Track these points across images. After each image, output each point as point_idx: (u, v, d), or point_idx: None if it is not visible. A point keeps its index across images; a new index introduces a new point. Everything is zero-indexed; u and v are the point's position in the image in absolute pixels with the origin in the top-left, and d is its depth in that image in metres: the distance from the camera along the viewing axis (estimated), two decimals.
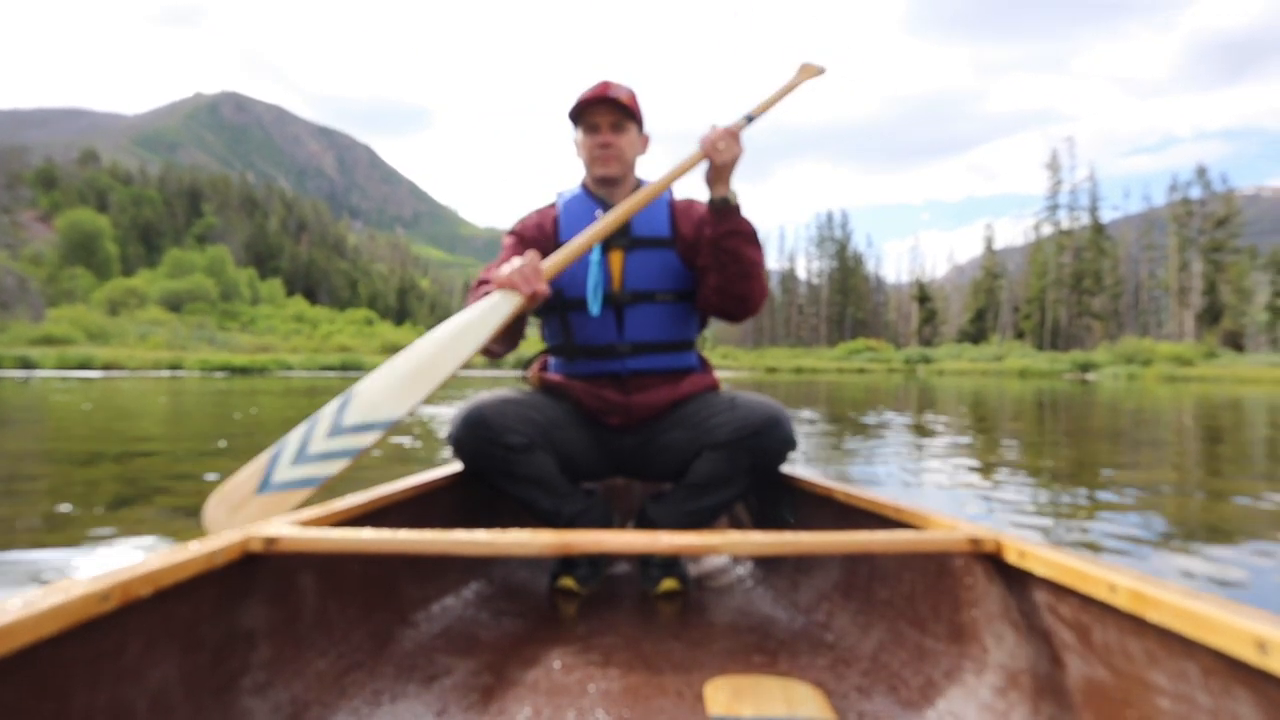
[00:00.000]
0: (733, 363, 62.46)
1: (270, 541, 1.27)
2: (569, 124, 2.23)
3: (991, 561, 1.32)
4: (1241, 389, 24.13)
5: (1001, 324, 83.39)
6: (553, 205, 2.30)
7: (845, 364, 60.12)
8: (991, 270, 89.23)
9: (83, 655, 0.94)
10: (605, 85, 2.15)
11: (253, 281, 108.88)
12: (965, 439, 7.48)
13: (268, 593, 1.33)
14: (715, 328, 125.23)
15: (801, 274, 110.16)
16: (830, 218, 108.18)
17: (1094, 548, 3.03)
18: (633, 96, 2.18)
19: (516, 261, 1.94)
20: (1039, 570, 1.18)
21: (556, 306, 2.18)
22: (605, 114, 2.17)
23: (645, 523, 2.15)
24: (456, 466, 2.14)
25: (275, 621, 1.34)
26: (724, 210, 2.02)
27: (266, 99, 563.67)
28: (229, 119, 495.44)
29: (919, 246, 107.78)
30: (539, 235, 2.24)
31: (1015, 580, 1.26)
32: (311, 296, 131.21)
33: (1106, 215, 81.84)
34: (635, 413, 2.18)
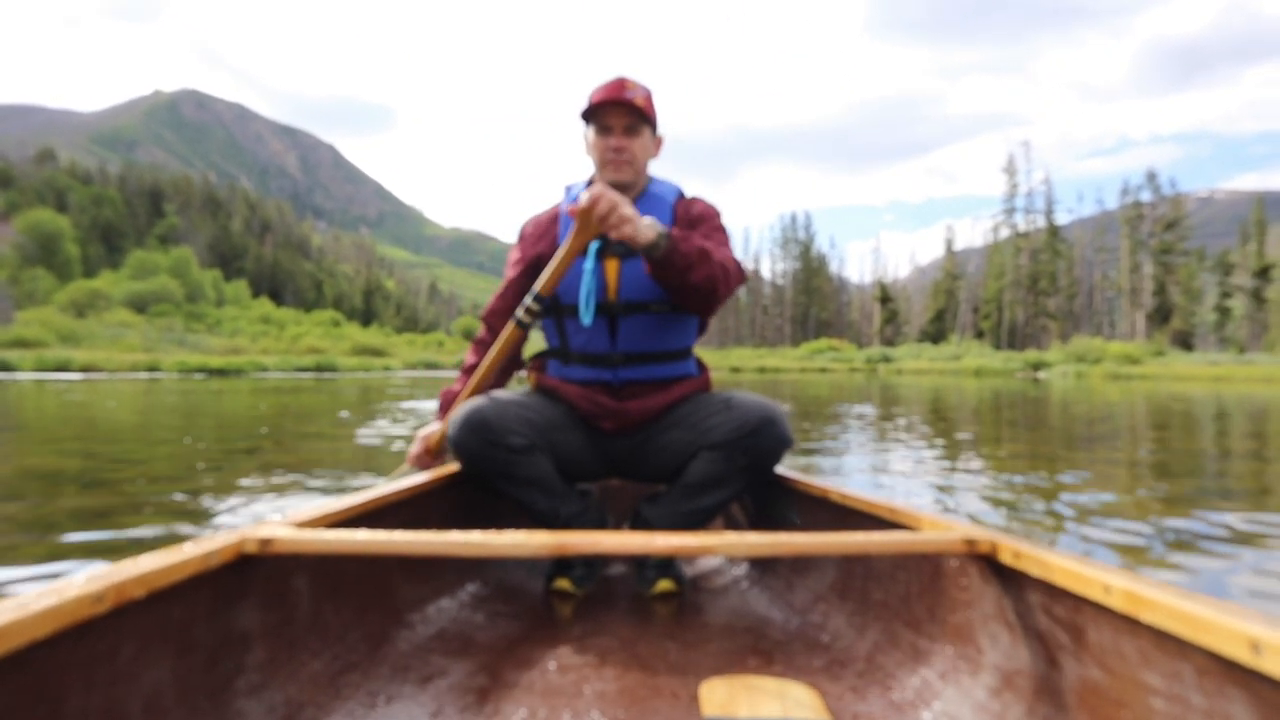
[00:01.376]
0: None
1: (265, 543, 1.27)
2: (580, 121, 2.17)
3: (986, 562, 1.33)
4: (1176, 385, 25.56)
5: (961, 324, 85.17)
6: (557, 205, 2.28)
7: (808, 363, 60.94)
8: (951, 271, 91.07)
9: (76, 658, 0.94)
10: (621, 84, 2.08)
11: (217, 283, 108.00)
12: (898, 423, 8.56)
13: (263, 594, 1.33)
14: None
15: (766, 275, 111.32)
16: (794, 219, 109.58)
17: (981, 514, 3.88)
18: (649, 98, 2.12)
19: (417, 442, 2.25)
20: (1034, 571, 1.18)
21: (553, 310, 2.17)
22: (620, 116, 2.11)
23: (641, 524, 2.15)
24: (452, 467, 2.17)
25: (270, 623, 1.34)
26: (658, 260, 1.91)
27: (227, 97, 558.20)
28: (189, 117, 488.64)
29: (881, 247, 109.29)
30: (541, 238, 2.25)
31: (1010, 581, 1.27)
32: (277, 298, 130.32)
33: (1062, 218, 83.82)
34: (629, 417, 2.18)
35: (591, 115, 2.12)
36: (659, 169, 2.26)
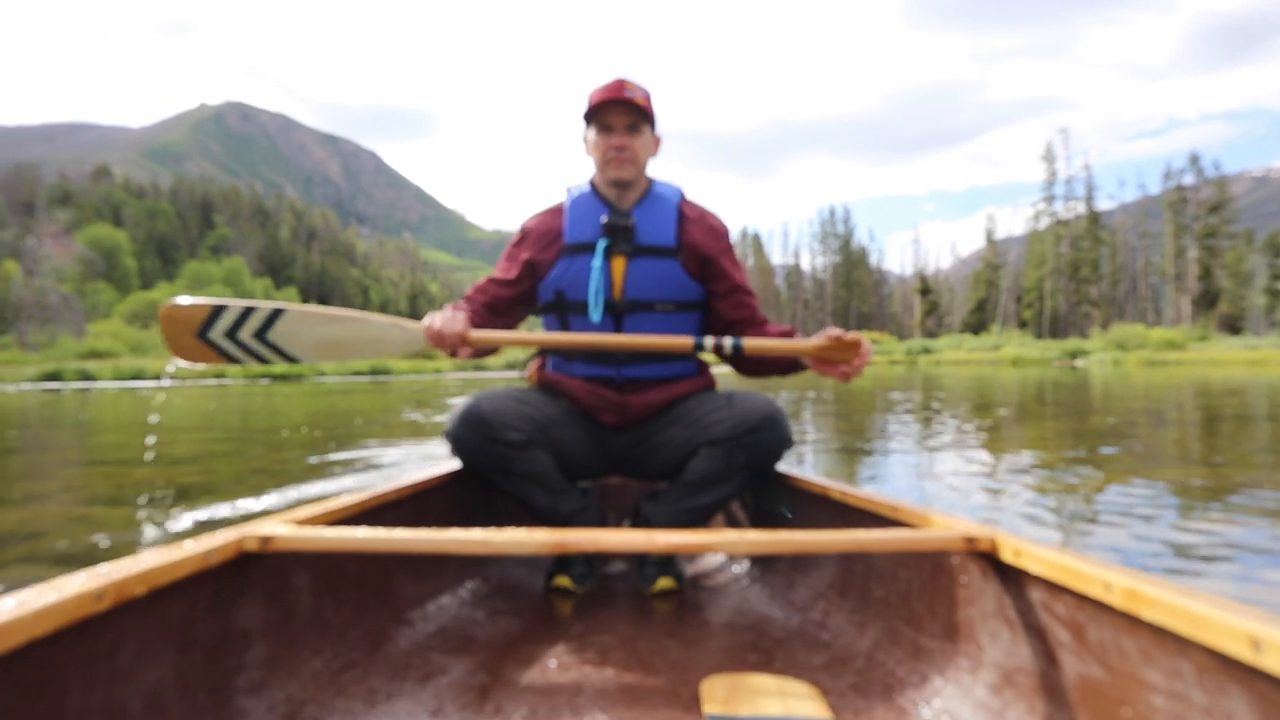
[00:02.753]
0: None
1: (266, 541, 1.27)
2: (581, 121, 2.19)
3: (987, 560, 1.32)
4: (1212, 370, 25.92)
5: (1003, 314, 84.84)
6: (561, 204, 2.28)
7: None
8: (991, 261, 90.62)
9: (77, 655, 0.94)
10: (621, 85, 2.11)
11: (268, 291, 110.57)
12: (921, 407, 9.57)
13: (263, 592, 1.33)
14: None
15: (806, 269, 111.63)
16: (833, 212, 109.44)
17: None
18: (648, 98, 2.15)
19: (448, 314, 1.97)
20: (1034, 569, 1.18)
21: (558, 307, 2.18)
22: (621, 115, 2.13)
23: (641, 521, 2.15)
24: (452, 465, 2.17)
25: (270, 621, 1.34)
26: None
27: (271, 108, 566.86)
28: (234, 128, 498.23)
29: (921, 238, 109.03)
30: (545, 233, 2.23)
31: (1011, 578, 1.26)
32: (325, 304, 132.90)
33: (1104, 203, 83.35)
34: (631, 412, 2.19)
35: (593, 115, 2.15)
36: (658, 169, 2.29)
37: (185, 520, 3.55)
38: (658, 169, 2.30)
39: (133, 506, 3.99)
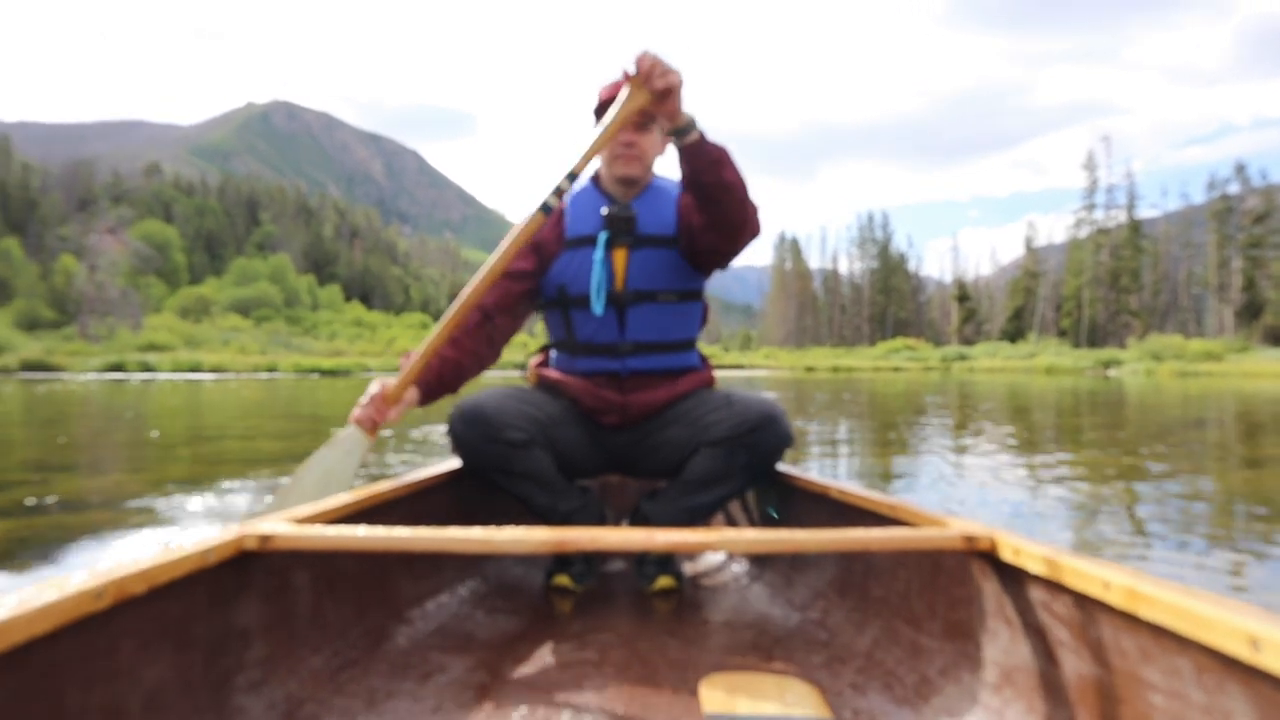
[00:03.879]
0: (773, 362, 64.58)
1: (265, 539, 1.27)
2: (591, 116, 2.15)
3: (986, 559, 1.32)
4: (1244, 382, 25.97)
5: (1044, 322, 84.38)
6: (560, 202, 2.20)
7: (883, 363, 61.76)
8: (1029, 269, 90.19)
9: (76, 654, 0.94)
10: None
11: (312, 288, 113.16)
12: (930, 412, 10.33)
13: (262, 590, 1.33)
14: (759, 329, 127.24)
15: (844, 274, 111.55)
16: (871, 218, 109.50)
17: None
18: None
19: (366, 396, 1.95)
20: (1034, 568, 1.18)
21: (560, 302, 2.17)
22: None
23: (641, 520, 2.14)
24: (452, 464, 2.17)
25: (270, 619, 1.34)
26: (692, 145, 1.86)
27: (315, 107, 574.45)
28: (280, 127, 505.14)
29: (960, 245, 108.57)
30: (546, 229, 2.19)
31: (1010, 577, 1.26)
32: (367, 302, 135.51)
33: (1146, 212, 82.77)
34: (632, 411, 2.18)
35: (602, 111, 2.11)
36: (673, 169, 2.14)
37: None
38: (667, 169, 2.29)
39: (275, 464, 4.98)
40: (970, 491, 4.36)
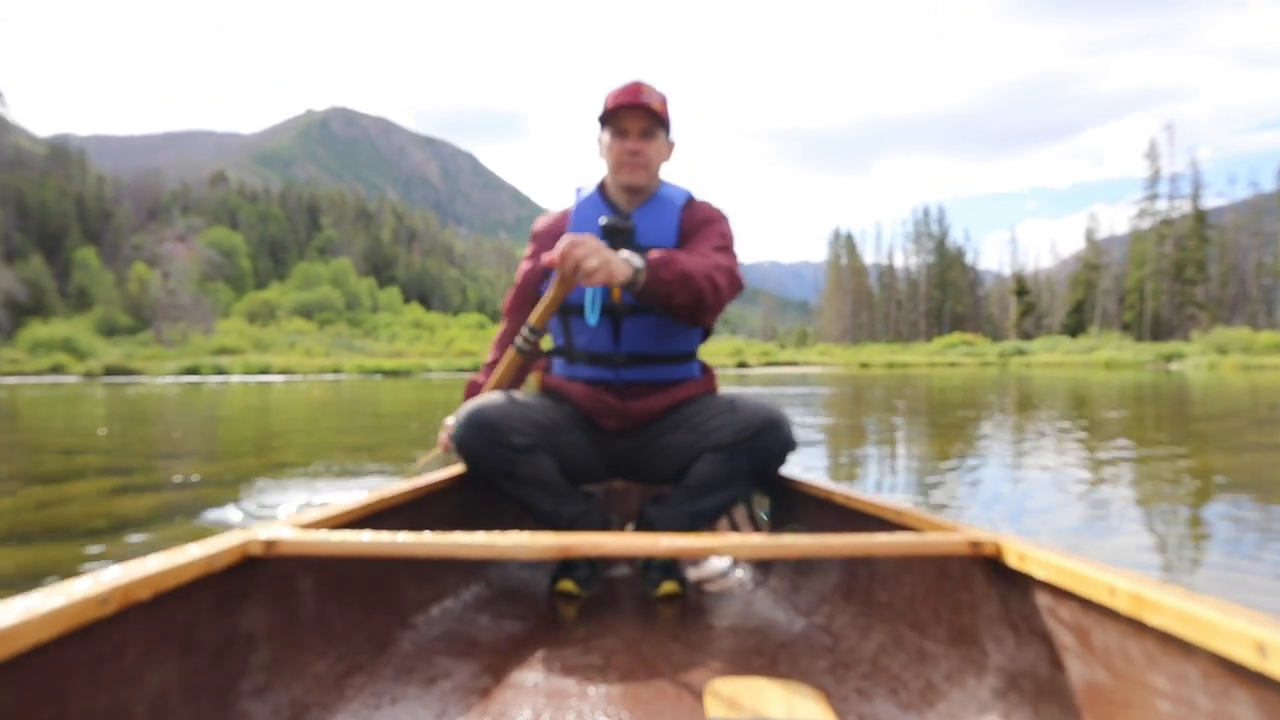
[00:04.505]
0: (828, 359, 64.31)
1: (270, 544, 1.27)
2: (597, 123, 2.16)
3: (992, 564, 1.32)
4: None
5: (1105, 316, 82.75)
6: (568, 209, 2.28)
7: (938, 358, 61.15)
8: (1090, 261, 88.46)
9: (81, 659, 0.94)
10: (638, 88, 2.10)
11: (372, 291, 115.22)
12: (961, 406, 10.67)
13: (267, 595, 1.34)
14: (815, 326, 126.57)
15: (900, 269, 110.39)
16: (926, 212, 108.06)
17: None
18: (664, 102, 2.13)
19: (446, 428, 2.18)
20: (1039, 573, 1.17)
21: (559, 310, 2.15)
22: (636, 120, 2.11)
23: (645, 525, 2.14)
24: (456, 469, 2.17)
25: (275, 624, 1.34)
26: (641, 293, 1.89)
27: (372, 112, 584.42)
28: (338, 133, 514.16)
29: (1017, 237, 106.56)
30: (552, 236, 2.23)
31: (1015, 583, 1.26)
32: (426, 303, 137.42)
33: (1212, 201, 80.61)
34: (632, 417, 2.19)
35: (608, 118, 2.13)
36: (680, 176, 2.51)
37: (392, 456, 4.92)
38: (673, 175, 2.30)
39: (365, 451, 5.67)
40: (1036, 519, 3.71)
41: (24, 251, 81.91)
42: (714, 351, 64.70)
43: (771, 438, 2.02)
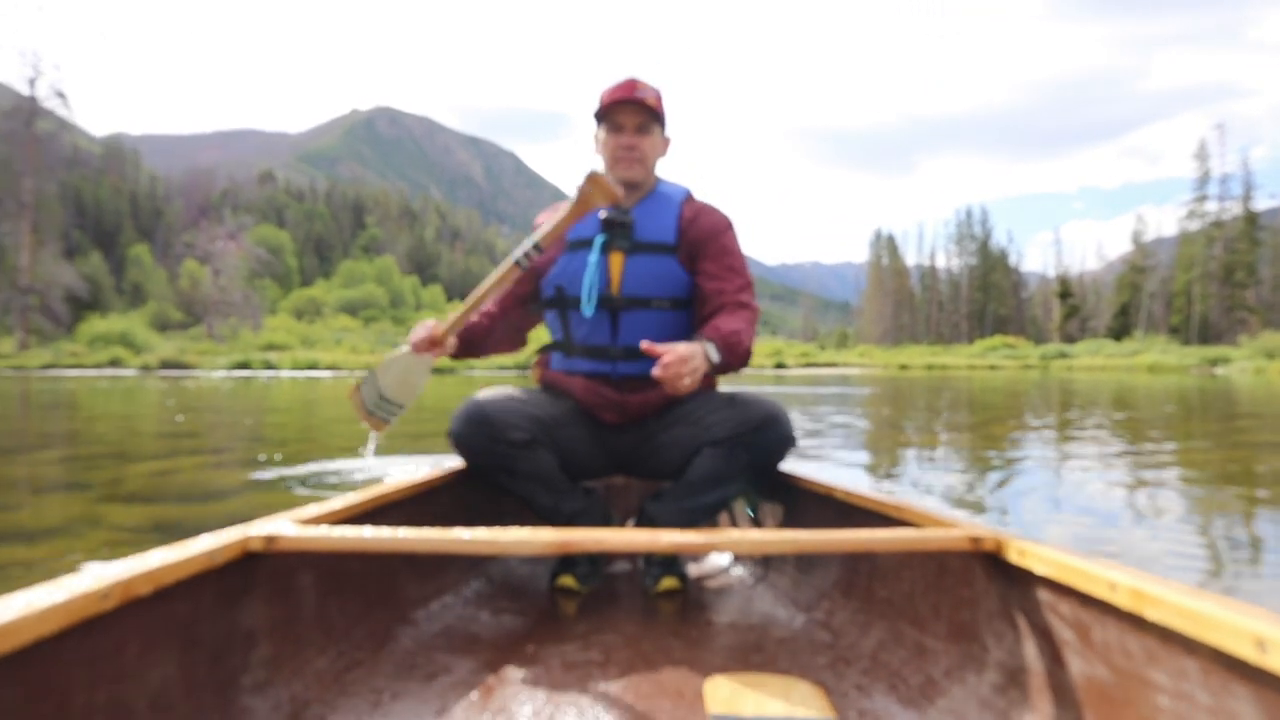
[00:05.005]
0: (867, 360, 64.03)
1: (270, 540, 1.27)
2: (593, 121, 2.20)
3: (992, 560, 1.32)
4: None
5: (1152, 319, 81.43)
6: (569, 203, 2.15)
7: (979, 361, 60.46)
8: (1136, 264, 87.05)
9: (82, 654, 0.94)
10: (632, 85, 2.13)
11: (416, 289, 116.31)
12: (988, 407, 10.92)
13: (267, 591, 1.34)
14: (855, 327, 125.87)
15: (942, 270, 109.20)
16: (969, 214, 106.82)
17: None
18: (659, 98, 2.16)
19: (418, 331, 2.06)
20: (1039, 569, 1.17)
21: (558, 302, 2.18)
22: (631, 115, 2.14)
23: (645, 521, 2.13)
24: (456, 464, 2.17)
25: (275, 620, 1.34)
26: (715, 371, 2.03)
27: (417, 112, 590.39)
28: (383, 133, 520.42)
29: (1062, 239, 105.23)
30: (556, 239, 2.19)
31: (1015, 579, 1.26)
32: None
33: (1265, 203, 78.89)
34: (631, 410, 2.19)
35: (604, 114, 2.16)
36: (675, 173, 2.39)
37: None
38: (669, 172, 2.32)
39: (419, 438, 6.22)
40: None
41: (82, 248, 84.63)
42: (753, 352, 64.87)
43: (771, 433, 2.04)
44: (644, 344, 1.87)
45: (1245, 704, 0.84)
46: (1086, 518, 3.62)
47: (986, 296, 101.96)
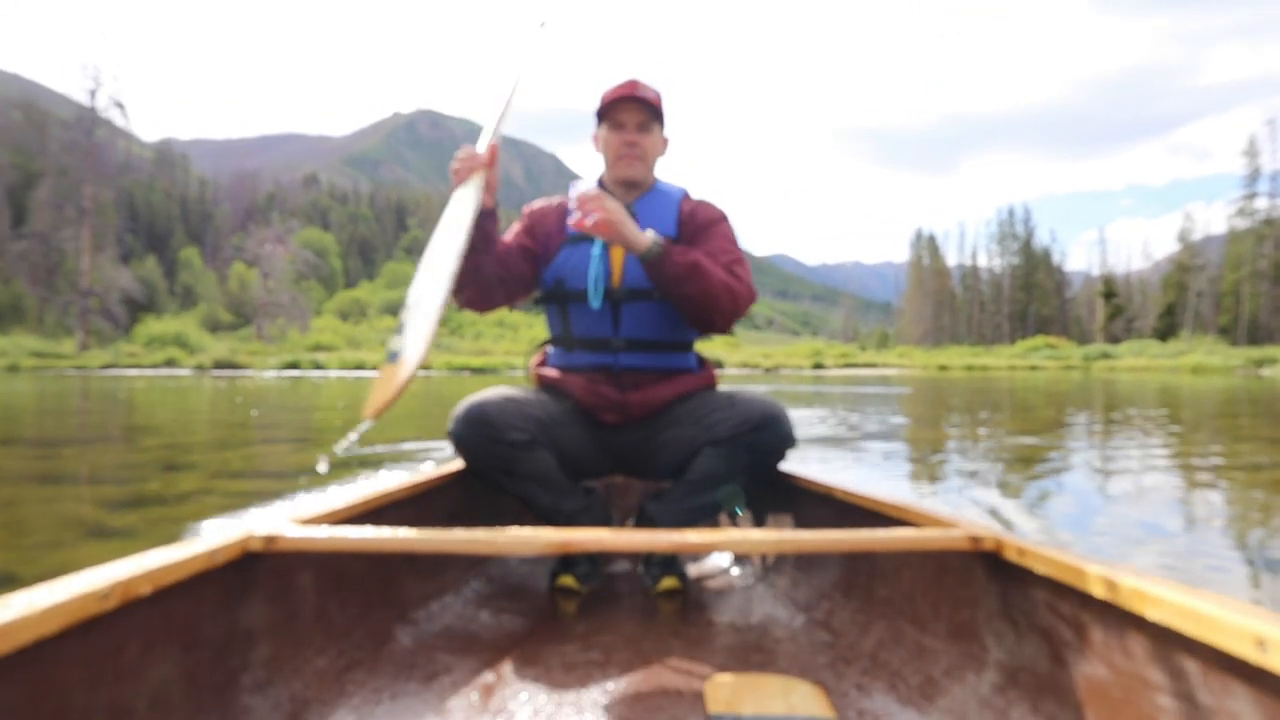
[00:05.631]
0: (906, 361, 63.53)
1: (270, 540, 1.27)
2: (594, 119, 2.23)
3: (991, 560, 1.32)
4: None
5: (1199, 319, 79.98)
6: (563, 198, 2.28)
7: (1020, 361, 59.67)
8: (1182, 263, 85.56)
9: (83, 654, 0.94)
10: (634, 84, 2.15)
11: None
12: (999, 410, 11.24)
13: (268, 591, 1.34)
14: (896, 328, 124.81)
15: (984, 270, 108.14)
16: (1011, 213, 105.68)
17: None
18: (659, 97, 2.17)
19: (460, 155, 1.99)
20: (1039, 568, 1.17)
21: (557, 296, 2.18)
22: (633, 113, 2.16)
23: (645, 521, 2.12)
24: (456, 464, 2.16)
25: (275, 620, 1.34)
26: (650, 265, 1.96)
27: (457, 114, 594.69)
28: (425, 135, 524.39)
29: (1108, 237, 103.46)
30: (545, 221, 2.25)
31: (1015, 578, 1.25)
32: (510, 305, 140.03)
33: None
34: (632, 410, 2.17)
35: (605, 112, 2.18)
36: (673, 173, 2.17)
37: None
38: (668, 172, 2.25)
39: None
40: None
41: (136, 252, 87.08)
42: (791, 353, 64.79)
43: (771, 433, 2.04)
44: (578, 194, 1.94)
45: (1245, 704, 0.83)
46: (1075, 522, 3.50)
47: (1029, 297, 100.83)
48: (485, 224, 2.05)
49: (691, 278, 1.98)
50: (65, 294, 52.27)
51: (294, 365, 40.91)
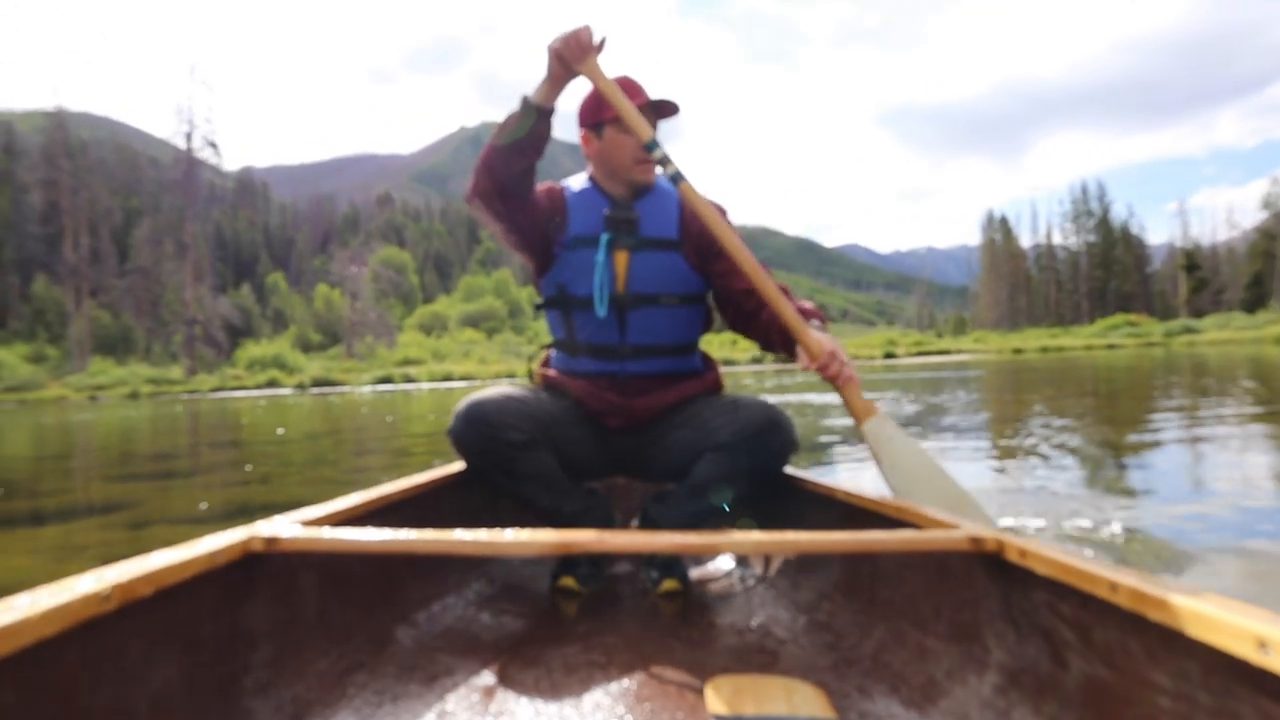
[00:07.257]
0: (980, 346, 62.84)
1: (271, 541, 1.27)
2: (581, 122, 2.17)
3: (993, 561, 1.30)
4: None
5: None
6: (559, 188, 2.22)
7: (1097, 340, 58.49)
8: (1269, 230, 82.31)
9: (84, 655, 0.94)
10: (641, 88, 2.10)
11: (533, 298, 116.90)
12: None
13: (269, 592, 1.33)
14: (972, 312, 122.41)
15: (1060, 248, 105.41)
16: (1085, 189, 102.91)
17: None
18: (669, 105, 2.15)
19: (562, 37, 1.92)
20: (1040, 569, 1.16)
21: (560, 302, 2.15)
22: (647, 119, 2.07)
23: (647, 522, 2.12)
24: (457, 465, 2.16)
25: (276, 621, 1.34)
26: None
27: None
28: None
29: (1189, 208, 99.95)
30: (549, 202, 2.17)
31: (1017, 579, 1.24)
32: None
33: None
34: (636, 415, 2.17)
35: (615, 119, 2.10)
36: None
37: None
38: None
39: None
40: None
41: (228, 280, 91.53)
42: (864, 344, 64.42)
43: (773, 438, 2.03)
44: (801, 362, 1.95)
45: (1246, 705, 0.83)
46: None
47: (1108, 274, 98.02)
48: (540, 126, 1.97)
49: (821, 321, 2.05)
50: (170, 324, 55.93)
51: (387, 380, 42.94)
